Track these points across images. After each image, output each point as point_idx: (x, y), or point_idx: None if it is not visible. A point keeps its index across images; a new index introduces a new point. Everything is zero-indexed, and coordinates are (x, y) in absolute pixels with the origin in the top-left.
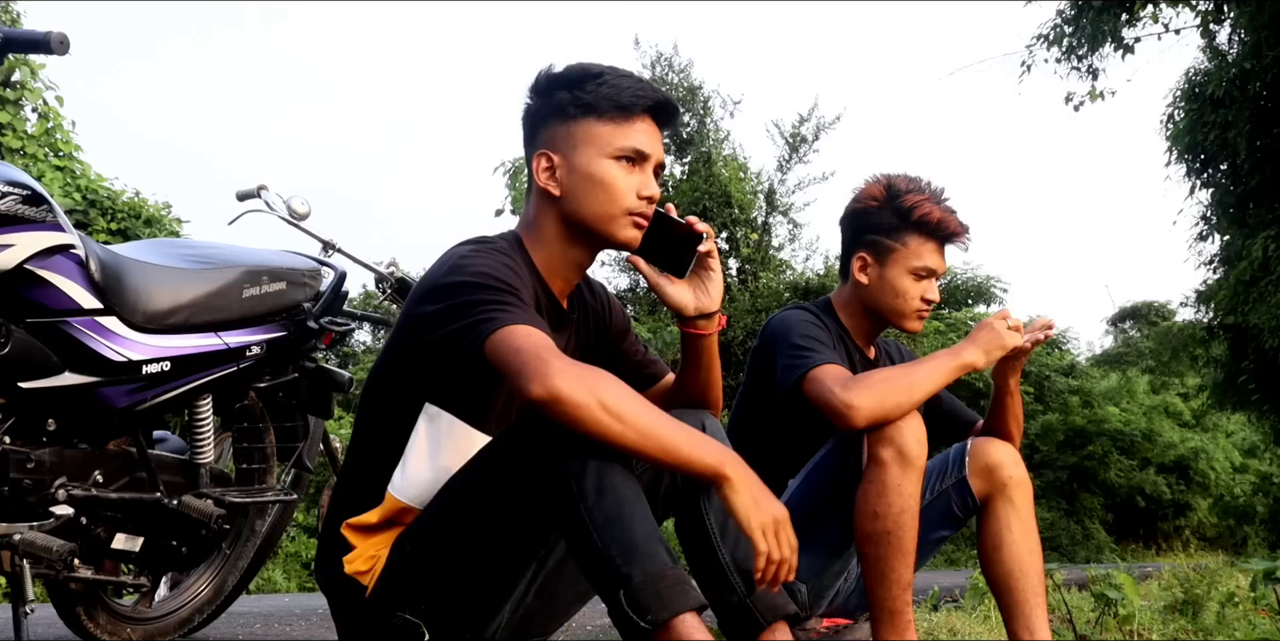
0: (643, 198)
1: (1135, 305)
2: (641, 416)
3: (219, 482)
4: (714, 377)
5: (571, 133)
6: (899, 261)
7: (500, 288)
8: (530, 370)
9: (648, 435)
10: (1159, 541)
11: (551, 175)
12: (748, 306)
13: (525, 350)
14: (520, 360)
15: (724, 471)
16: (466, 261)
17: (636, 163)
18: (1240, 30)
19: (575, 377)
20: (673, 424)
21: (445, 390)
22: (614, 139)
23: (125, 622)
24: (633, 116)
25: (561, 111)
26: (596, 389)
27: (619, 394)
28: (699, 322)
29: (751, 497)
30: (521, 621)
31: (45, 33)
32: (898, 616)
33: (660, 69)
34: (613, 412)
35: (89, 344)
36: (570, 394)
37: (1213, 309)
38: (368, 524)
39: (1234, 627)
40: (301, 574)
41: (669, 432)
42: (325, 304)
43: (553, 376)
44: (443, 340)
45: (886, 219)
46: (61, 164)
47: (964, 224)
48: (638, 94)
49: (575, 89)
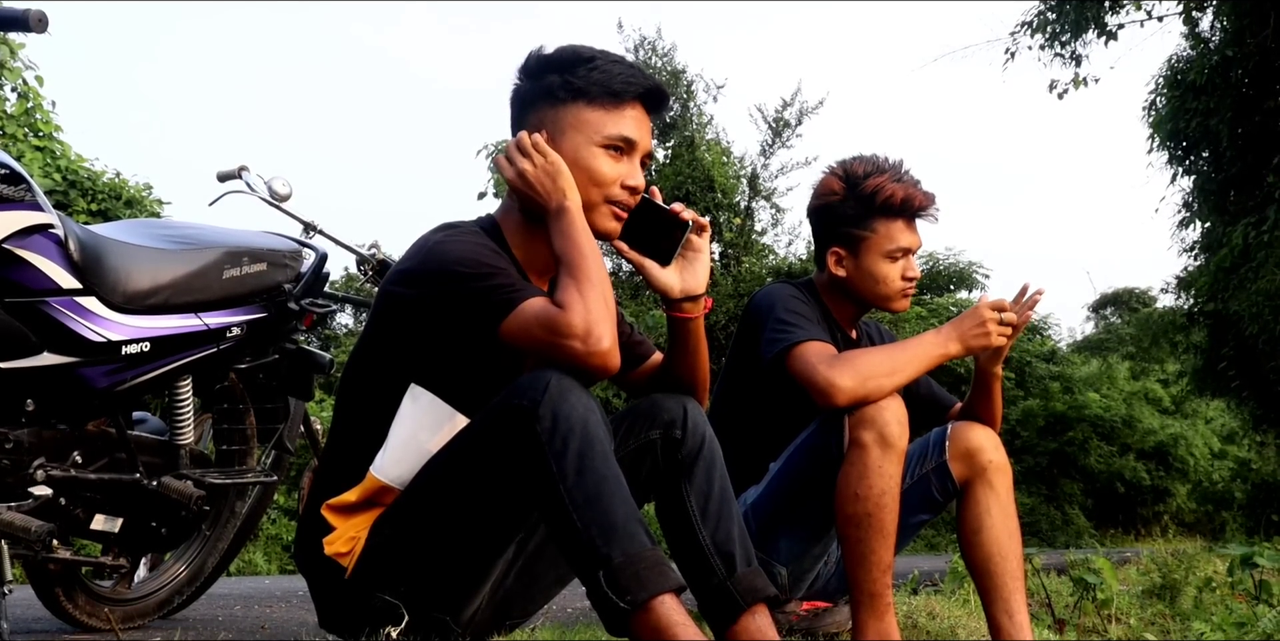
0: (626, 187)
1: (1116, 291)
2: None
3: (199, 464)
4: (700, 360)
5: (560, 117)
6: (872, 248)
7: (491, 271)
8: (563, 328)
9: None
10: (1138, 527)
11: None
12: (730, 291)
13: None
14: (543, 330)
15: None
16: (444, 248)
17: (624, 151)
18: (1223, 17)
19: (609, 327)
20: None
21: (429, 370)
22: (603, 126)
23: (104, 603)
24: (623, 103)
25: (551, 95)
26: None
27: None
28: (685, 306)
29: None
30: (502, 603)
31: (24, 10)
32: (877, 599)
33: (644, 53)
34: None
35: (68, 324)
36: (603, 338)
37: (1193, 296)
38: (347, 503)
39: (1211, 612)
40: (282, 556)
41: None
42: (306, 285)
43: (592, 329)
44: (442, 326)
45: (851, 209)
46: (41, 144)
47: (928, 195)
48: (629, 80)
49: (566, 72)
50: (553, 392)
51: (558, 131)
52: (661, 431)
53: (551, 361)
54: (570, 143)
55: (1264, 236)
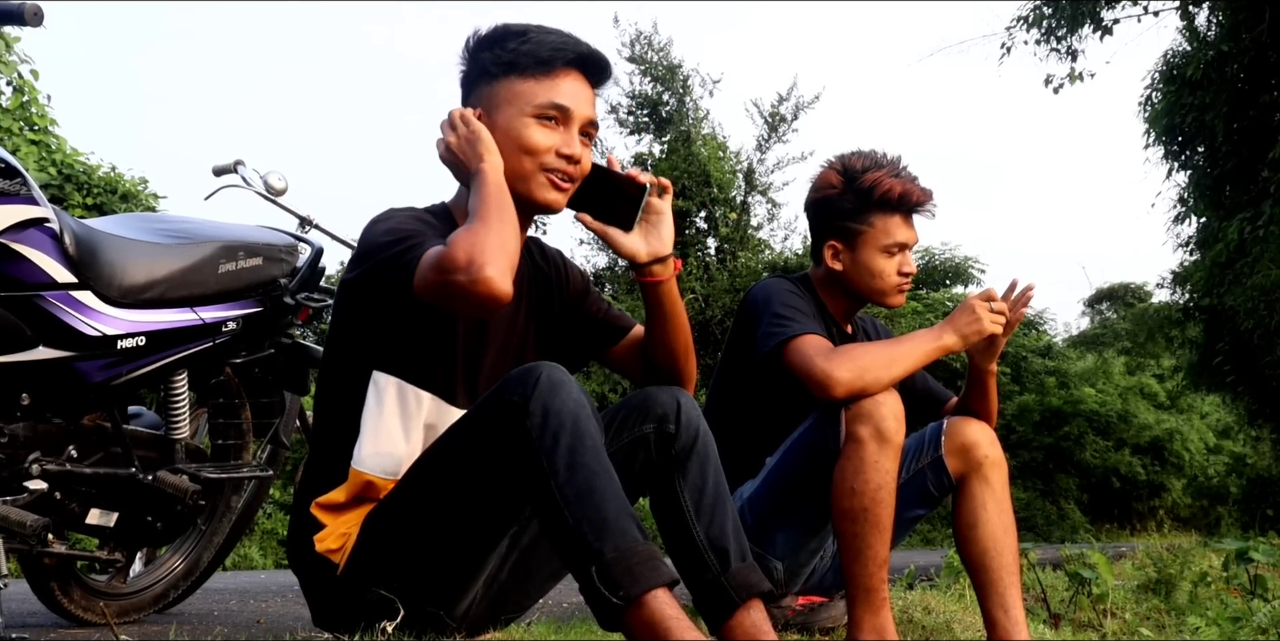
0: (562, 155)
1: (1112, 286)
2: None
3: (194, 458)
4: (680, 326)
5: (495, 92)
6: (869, 242)
7: (407, 235)
8: (446, 262)
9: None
10: (1133, 522)
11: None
12: (726, 286)
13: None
14: (434, 272)
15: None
16: (374, 226)
17: (560, 121)
18: (1219, 12)
19: (495, 257)
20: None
21: (387, 354)
22: (534, 96)
23: (99, 598)
24: (554, 71)
25: (485, 72)
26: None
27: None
28: (654, 268)
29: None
30: (496, 597)
31: (19, 4)
32: (873, 593)
33: (639, 47)
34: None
35: (63, 318)
36: (485, 266)
37: (1189, 290)
38: (336, 502)
39: (1206, 606)
40: (278, 550)
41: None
42: (302, 280)
43: (474, 258)
44: (379, 302)
45: (849, 203)
46: (37, 138)
47: (926, 191)
48: (558, 47)
49: (497, 48)
50: (543, 388)
51: (493, 107)
52: (655, 425)
53: (448, 305)
54: (503, 116)
55: (1259, 231)
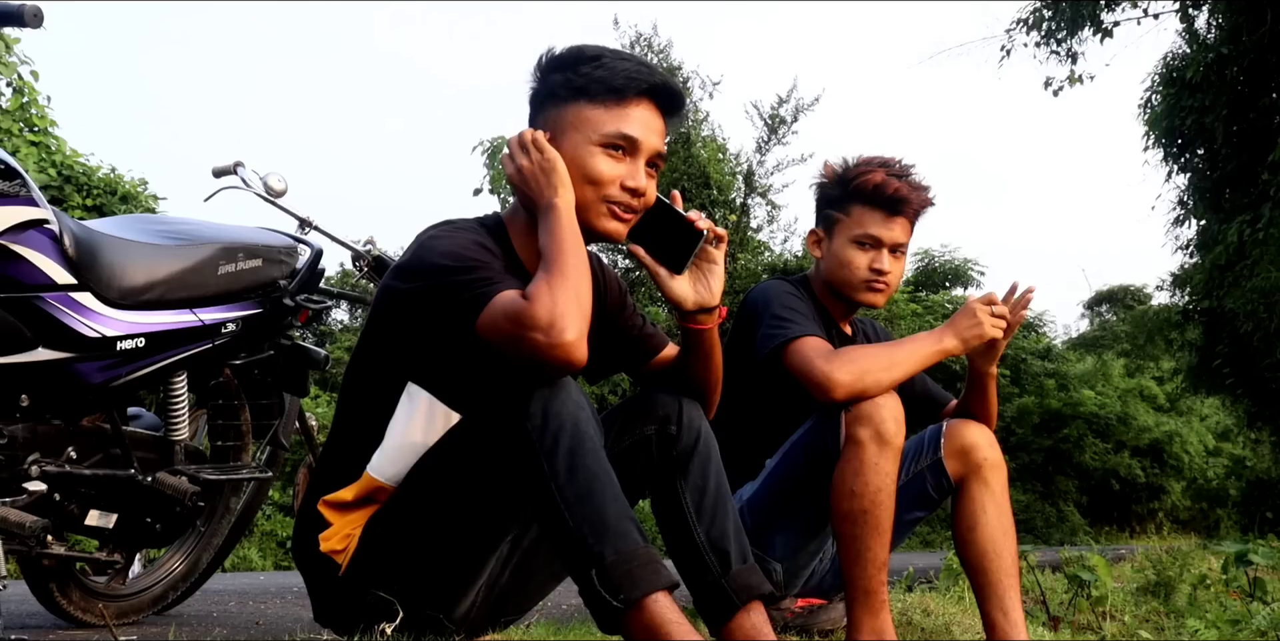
0: (626, 188)
1: (1111, 289)
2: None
3: (194, 460)
4: (713, 368)
5: (563, 116)
6: (842, 231)
7: (473, 266)
8: (526, 320)
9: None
10: (1133, 524)
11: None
12: (725, 288)
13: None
14: (509, 322)
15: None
16: (434, 242)
17: (626, 151)
18: (1219, 15)
19: (575, 321)
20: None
21: (425, 369)
22: (602, 124)
23: (99, 599)
24: (626, 100)
25: (554, 94)
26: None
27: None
28: (699, 317)
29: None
30: (496, 600)
31: (19, 5)
32: (873, 596)
33: (639, 49)
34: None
35: (63, 319)
36: (566, 330)
37: (1188, 293)
38: (343, 501)
39: (1205, 609)
40: (277, 552)
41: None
42: (301, 281)
43: (556, 321)
44: (429, 322)
45: (834, 191)
46: (37, 139)
47: (917, 193)
48: (632, 76)
49: (569, 71)
50: (543, 390)
51: (559, 131)
52: (656, 427)
53: (518, 357)
54: (570, 141)
55: (1259, 234)
